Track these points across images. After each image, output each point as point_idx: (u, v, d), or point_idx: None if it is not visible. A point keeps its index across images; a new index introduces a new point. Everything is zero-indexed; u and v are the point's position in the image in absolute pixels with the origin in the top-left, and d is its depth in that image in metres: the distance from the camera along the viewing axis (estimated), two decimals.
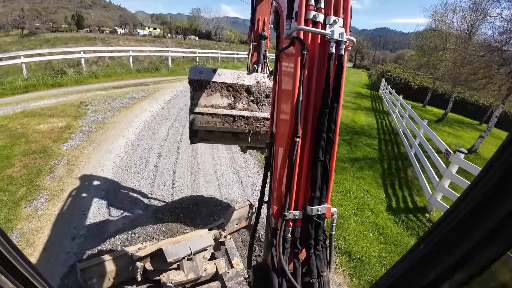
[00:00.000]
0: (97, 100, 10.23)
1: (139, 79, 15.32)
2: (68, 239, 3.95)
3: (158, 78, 16.39)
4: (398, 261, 0.88)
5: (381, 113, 17.40)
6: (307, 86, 1.24)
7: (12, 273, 0.77)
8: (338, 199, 5.98)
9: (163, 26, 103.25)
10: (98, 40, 40.49)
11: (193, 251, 2.94)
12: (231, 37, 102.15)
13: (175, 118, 9.56)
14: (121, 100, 10.67)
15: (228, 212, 3.78)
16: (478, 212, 0.63)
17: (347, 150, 9.22)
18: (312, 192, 1.29)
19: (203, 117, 2.37)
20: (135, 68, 17.04)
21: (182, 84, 15.12)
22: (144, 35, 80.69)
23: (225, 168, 6.66)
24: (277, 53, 1.48)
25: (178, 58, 23.98)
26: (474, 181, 0.64)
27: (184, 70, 19.39)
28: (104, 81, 13.70)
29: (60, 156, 6.13)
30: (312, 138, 1.27)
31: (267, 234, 1.65)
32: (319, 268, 1.31)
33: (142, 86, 13.48)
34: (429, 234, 0.76)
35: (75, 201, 4.76)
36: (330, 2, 1.23)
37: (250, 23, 3.14)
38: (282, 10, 1.44)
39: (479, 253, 0.64)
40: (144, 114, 9.53)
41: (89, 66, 14.93)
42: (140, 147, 7.09)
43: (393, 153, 10.01)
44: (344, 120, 13.26)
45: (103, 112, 9.15)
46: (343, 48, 1.22)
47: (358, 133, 11.51)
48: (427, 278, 0.76)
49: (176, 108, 10.80)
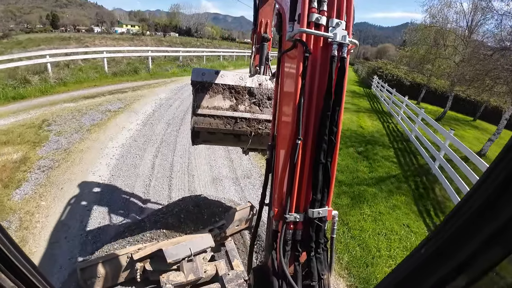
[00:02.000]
0: (63, 117, 8.22)
1: (115, 84, 13.18)
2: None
3: (137, 82, 14.28)
4: (398, 265, 0.87)
5: (383, 115, 16.32)
6: (309, 89, 1.23)
7: (12, 271, 0.76)
8: (384, 247, 4.63)
9: (141, 23, 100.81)
10: (73, 40, 38.48)
11: (193, 252, 2.93)
12: (213, 34, 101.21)
13: (161, 140, 7.54)
14: (93, 115, 8.64)
15: (229, 213, 3.76)
16: (481, 214, 0.62)
17: (367, 167, 7.91)
18: (314, 195, 1.28)
19: (205, 118, 2.36)
20: (111, 71, 14.95)
21: (166, 89, 13.33)
22: (122, 33, 76.55)
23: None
24: (280, 56, 1.49)
25: (160, 58, 22.01)
26: (478, 183, 0.64)
27: (167, 72, 17.55)
28: (74, 89, 11.55)
29: (10, 213, 4.28)
30: (314, 140, 1.26)
31: (268, 237, 1.65)
32: (319, 271, 1.30)
33: (118, 94, 11.36)
34: (431, 238, 0.75)
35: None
36: (333, 4, 1.22)
37: (253, 25, 3.14)
38: (285, 13, 1.42)
39: (482, 256, 0.63)
40: (121, 136, 7.50)
41: (57, 72, 12.84)
42: (116, 192, 5.07)
43: (413, 167, 8.88)
44: (351, 126, 12.05)
45: (69, 134, 7.19)
46: (345, 51, 1.20)
47: (370, 143, 10.29)
48: (428, 282, 0.74)
49: (162, 124, 8.73)
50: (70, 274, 3.32)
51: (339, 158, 7.76)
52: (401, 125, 13.45)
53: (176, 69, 18.77)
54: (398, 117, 14.37)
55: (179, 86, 14.15)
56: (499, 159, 0.58)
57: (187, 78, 15.92)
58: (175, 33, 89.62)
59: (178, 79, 16.18)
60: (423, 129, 10.49)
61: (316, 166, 1.26)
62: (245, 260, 3.55)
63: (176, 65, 19.79)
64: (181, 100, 11.57)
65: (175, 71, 18.24)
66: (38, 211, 4.43)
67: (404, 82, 27.63)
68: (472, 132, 18.65)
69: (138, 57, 19.14)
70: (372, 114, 16.15)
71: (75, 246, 3.81)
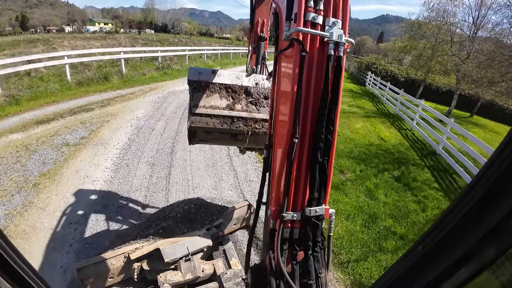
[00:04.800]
0: (4, 161, 5.63)
1: (80, 97, 10.36)
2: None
3: (107, 93, 11.29)
4: (396, 262, 0.87)
5: (394, 120, 14.62)
6: (305, 88, 1.23)
7: (9, 273, 0.76)
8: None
9: (115, 21, 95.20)
10: (41, 42, 34.15)
11: (191, 251, 2.91)
12: (190, 29, 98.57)
13: (145, 201, 4.81)
14: (44, 155, 5.94)
15: (226, 212, 3.72)
16: (477, 213, 0.63)
17: (416, 203, 6.17)
18: (311, 193, 1.29)
19: (202, 118, 2.34)
20: (75, 80, 12.05)
21: (145, 102, 10.34)
22: (95, 31, 72.03)
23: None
24: (276, 55, 1.48)
25: (135, 59, 19.38)
26: (474, 180, 0.64)
27: (144, 77, 14.76)
28: (28, 108, 8.79)
29: None
30: (311, 139, 1.27)
31: (265, 235, 1.64)
32: (317, 269, 1.31)
33: (82, 114, 8.54)
34: (427, 235, 0.76)
35: None
36: (329, 4, 1.22)
37: (250, 24, 3.15)
38: (282, 12, 1.43)
39: (478, 253, 0.63)
40: (82, 196, 4.79)
41: (8, 87, 10.16)
42: None
43: (456, 192, 7.30)
44: (371, 139, 10.34)
45: (8, 197, 4.58)
46: (342, 50, 1.21)
47: (401, 162, 8.60)
48: (425, 279, 0.75)
49: (142, 166, 5.88)
50: None
51: (382, 192, 6.45)
52: (419, 131, 11.86)
53: (155, 72, 16.13)
54: (413, 122, 12.77)
55: (161, 97, 11.43)
56: (494, 157, 0.59)
57: (169, 84, 13.62)
58: (151, 30, 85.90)
59: (157, 86, 13.49)
60: (451, 137, 9.16)
61: (313, 164, 1.26)
62: (243, 259, 3.48)
63: (155, 67, 17.19)
64: (166, 119, 8.84)
65: (153, 75, 15.59)
66: None
67: (399, 78, 26.63)
68: (476, 131, 17.41)
69: (110, 59, 16.41)
70: (383, 119, 14.43)
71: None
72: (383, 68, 28.41)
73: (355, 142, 9.61)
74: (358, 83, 28.65)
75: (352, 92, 22.18)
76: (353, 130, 11.15)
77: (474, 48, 16.93)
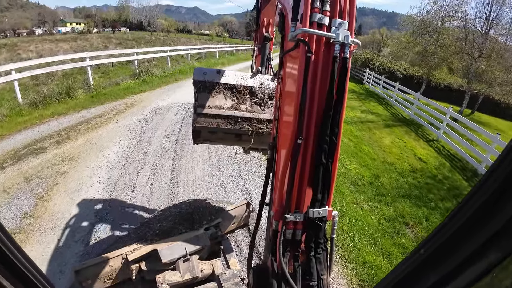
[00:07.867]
0: None
1: (32, 126, 7.32)
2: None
3: (69, 116, 8.19)
4: (398, 265, 0.86)
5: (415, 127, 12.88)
6: (311, 88, 1.22)
7: (11, 269, 0.74)
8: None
9: (87, 20, 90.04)
10: (6, 48, 31.41)
11: (189, 252, 2.87)
12: (167, 26, 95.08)
13: None
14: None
15: (225, 211, 3.69)
16: (479, 217, 0.62)
17: None
18: (314, 195, 1.27)
19: (207, 118, 2.32)
20: (28, 101, 8.94)
21: (119, 130, 7.41)
22: (66, 32, 66.95)
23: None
24: (282, 55, 1.46)
25: (107, 64, 16.64)
26: (477, 185, 0.63)
27: (117, 87, 11.59)
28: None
29: None
30: (315, 140, 1.25)
31: (268, 236, 1.63)
32: (319, 271, 1.29)
33: (29, 161, 5.62)
34: (430, 238, 0.74)
35: None
36: (336, 5, 1.21)
37: (255, 24, 3.13)
38: (287, 13, 1.42)
39: (480, 257, 0.62)
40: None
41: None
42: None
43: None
44: (409, 160, 8.95)
45: None
46: (347, 51, 1.19)
47: (455, 194, 7.08)
48: (427, 282, 0.74)
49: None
50: None
51: None
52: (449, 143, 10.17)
53: (131, 80, 13.07)
54: (439, 131, 11.04)
55: (141, 119, 8.28)
56: (497, 163, 0.58)
57: (150, 97, 10.97)
58: (126, 28, 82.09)
59: (135, 100, 10.31)
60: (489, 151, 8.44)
61: (317, 166, 1.24)
62: (242, 258, 3.53)
63: (131, 73, 14.46)
64: (152, 164, 5.89)
65: (129, 84, 12.45)
66: None
67: (397, 75, 25.47)
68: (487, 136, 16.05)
69: (76, 67, 13.43)
70: (405, 128, 12.89)
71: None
72: (381, 65, 27.15)
73: (397, 168, 7.86)
74: (355, 81, 27.02)
75: (355, 93, 20.89)
76: (384, 148, 9.46)
77: (486, 46, 15.74)
